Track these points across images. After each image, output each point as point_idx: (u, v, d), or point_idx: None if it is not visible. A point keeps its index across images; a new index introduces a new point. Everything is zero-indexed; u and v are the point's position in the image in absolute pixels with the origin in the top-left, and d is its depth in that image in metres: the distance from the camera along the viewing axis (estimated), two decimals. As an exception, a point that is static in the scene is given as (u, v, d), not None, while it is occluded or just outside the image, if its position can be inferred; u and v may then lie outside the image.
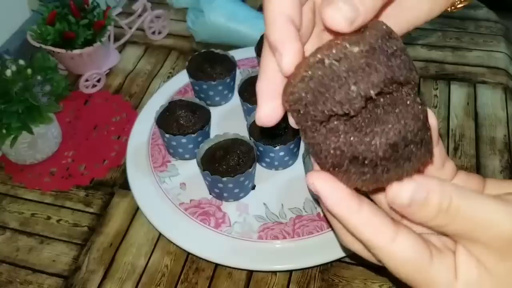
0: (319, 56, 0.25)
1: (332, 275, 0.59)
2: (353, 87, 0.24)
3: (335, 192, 0.27)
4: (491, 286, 0.27)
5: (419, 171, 0.26)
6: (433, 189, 0.26)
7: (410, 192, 0.25)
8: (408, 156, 0.25)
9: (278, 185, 0.65)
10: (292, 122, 0.29)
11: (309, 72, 0.25)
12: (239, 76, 0.77)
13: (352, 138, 0.24)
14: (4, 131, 0.65)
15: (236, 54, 0.78)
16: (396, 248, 0.27)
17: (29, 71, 0.67)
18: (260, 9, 0.99)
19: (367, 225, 0.27)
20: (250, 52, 0.81)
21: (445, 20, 0.94)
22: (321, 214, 0.61)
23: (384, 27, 0.25)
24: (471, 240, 0.27)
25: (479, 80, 0.82)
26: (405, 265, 0.27)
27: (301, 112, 0.26)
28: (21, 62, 0.68)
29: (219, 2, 0.87)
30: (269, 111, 0.30)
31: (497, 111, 0.77)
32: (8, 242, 0.65)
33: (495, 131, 0.74)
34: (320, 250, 0.58)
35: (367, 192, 0.29)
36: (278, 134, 0.64)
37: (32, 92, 0.65)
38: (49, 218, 0.67)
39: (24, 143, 0.69)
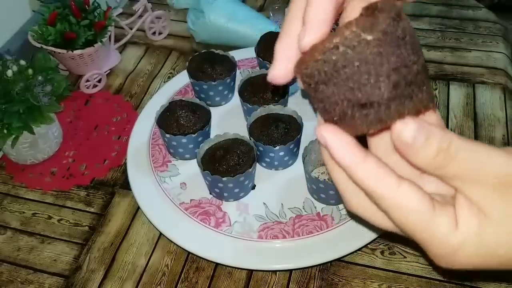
0: (334, 41, 0.26)
1: (332, 274, 0.60)
2: (364, 76, 0.26)
3: (342, 143, 0.28)
4: (491, 232, 0.28)
5: (420, 114, 0.28)
6: (435, 130, 0.27)
7: (413, 130, 0.26)
8: (410, 95, 0.26)
9: (278, 185, 0.66)
10: (300, 84, 0.30)
11: (324, 56, 0.26)
12: (239, 77, 0.77)
13: (355, 85, 0.26)
14: (5, 131, 0.66)
15: (236, 55, 0.78)
16: (400, 197, 0.28)
17: (30, 71, 0.67)
18: (260, 9, 1.00)
19: (372, 175, 0.28)
20: (250, 52, 0.81)
21: (444, 20, 0.95)
22: (321, 214, 0.62)
23: (394, 7, 0.26)
24: (470, 181, 0.27)
25: (478, 81, 0.82)
26: (409, 214, 0.28)
27: (312, 86, 0.28)
28: (22, 62, 0.68)
29: (219, 3, 0.87)
30: (281, 71, 0.31)
31: (496, 111, 0.77)
32: (9, 241, 0.65)
33: (494, 131, 0.74)
34: (319, 249, 0.58)
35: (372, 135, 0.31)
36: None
37: (33, 92, 0.65)
38: (50, 217, 0.68)
39: (25, 143, 0.69)
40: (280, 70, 0.31)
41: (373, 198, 0.29)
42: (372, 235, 0.59)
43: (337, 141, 0.28)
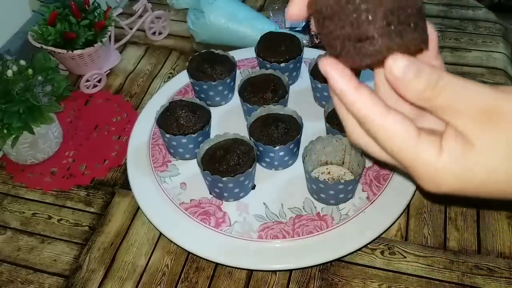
0: None
1: (332, 274, 0.60)
2: (363, 13, 0.29)
3: (339, 73, 0.31)
4: (472, 159, 0.30)
5: (412, 53, 0.31)
6: (425, 66, 0.30)
7: (403, 65, 0.29)
8: (400, 33, 0.29)
9: (278, 185, 0.66)
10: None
11: None
12: (239, 77, 0.77)
13: (354, 20, 0.29)
14: (5, 131, 0.66)
15: (236, 55, 0.78)
16: (387, 122, 0.31)
17: (30, 71, 0.67)
18: (260, 9, 1.00)
19: (364, 101, 0.31)
20: (250, 52, 0.81)
21: (444, 20, 0.95)
22: (321, 214, 0.62)
23: None
24: (457, 113, 0.30)
25: (478, 80, 0.82)
26: (394, 138, 0.31)
27: (320, 21, 0.31)
28: (22, 62, 0.68)
29: (219, 3, 0.87)
30: (296, 10, 0.35)
31: (496, 111, 0.77)
32: (9, 241, 0.65)
33: (494, 131, 0.74)
34: (319, 249, 0.58)
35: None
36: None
37: (33, 92, 0.65)
38: (50, 217, 0.68)
39: (25, 143, 0.69)
40: (295, 9, 0.34)
41: (364, 124, 0.32)
42: (372, 235, 0.59)
43: (334, 71, 0.31)
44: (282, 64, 0.74)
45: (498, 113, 0.29)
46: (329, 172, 0.66)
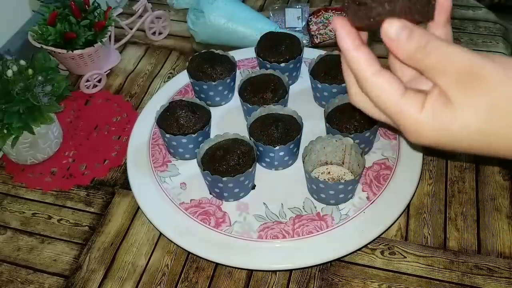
0: None
1: (332, 274, 0.60)
2: None
3: (345, 31, 0.36)
4: (449, 115, 0.34)
5: (414, 21, 0.34)
6: (417, 30, 0.34)
7: (396, 27, 0.34)
8: (392, 2, 0.33)
9: (278, 185, 0.66)
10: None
11: None
12: (239, 77, 0.77)
13: None
14: (5, 131, 0.66)
15: (236, 55, 0.79)
16: (378, 79, 0.35)
17: (30, 71, 0.67)
18: (260, 9, 1.00)
19: (361, 59, 0.36)
20: (250, 52, 0.81)
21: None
22: (321, 214, 0.62)
23: None
24: (441, 73, 0.34)
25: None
26: (382, 94, 0.35)
27: None
28: (22, 62, 0.68)
29: (219, 3, 0.87)
30: None
31: (496, 111, 0.77)
32: (9, 241, 0.65)
33: (494, 131, 0.74)
34: (319, 249, 0.58)
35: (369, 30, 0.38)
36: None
37: (33, 92, 0.65)
38: (50, 217, 0.68)
39: (25, 143, 0.69)
40: None
41: (359, 81, 0.36)
42: (372, 235, 0.59)
43: (342, 30, 0.36)
44: (282, 64, 0.74)
45: (477, 76, 0.33)
46: (329, 172, 0.66)
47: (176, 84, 0.80)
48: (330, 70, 0.71)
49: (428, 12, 0.36)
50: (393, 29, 0.34)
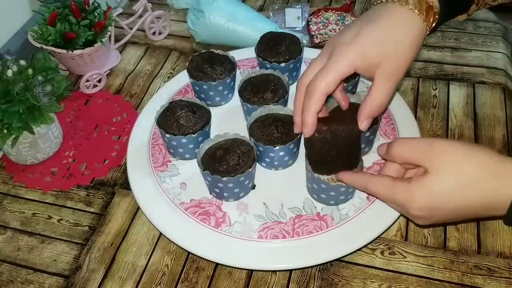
0: (322, 134, 0.56)
1: (332, 274, 0.60)
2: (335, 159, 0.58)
3: (349, 178, 0.58)
4: (429, 180, 0.49)
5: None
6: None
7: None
8: (328, 169, 0.59)
9: (278, 185, 0.66)
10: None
11: (320, 135, 0.57)
12: (239, 77, 0.77)
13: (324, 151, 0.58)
14: (5, 131, 0.66)
15: (236, 55, 0.79)
16: (372, 188, 0.54)
17: (30, 71, 0.67)
18: (260, 9, 1.00)
19: (356, 181, 0.57)
20: (250, 52, 0.81)
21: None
22: (321, 214, 0.62)
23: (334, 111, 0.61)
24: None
25: (478, 81, 0.82)
26: (380, 197, 0.55)
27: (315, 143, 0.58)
28: (22, 62, 0.68)
29: (219, 3, 0.87)
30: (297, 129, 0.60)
31: (496, 111, 0.77)
32: (9, 241, 0.65)
33: (494, 131, 0.74)
34: (319, 249, 0.58)
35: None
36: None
37: (33, 92, 0.65)
38: (50, 217, 0.68)
39: (25, 143, 0.69)
40: (298, 129, 0.59)
41: (366, 191, 0.57)
42: (372, 235, 0.59)
43: (347, 178, 0.58)
44: (282, 64, 0.74)
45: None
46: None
47: (176, 84, 0.80)
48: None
49: (356, 159, 0.59)
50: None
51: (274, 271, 0.60)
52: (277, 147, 0.63)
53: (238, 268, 0.60)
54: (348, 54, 0.51)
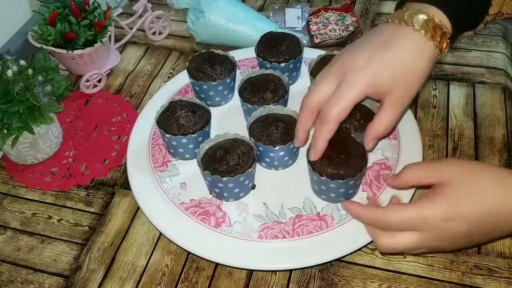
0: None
1: (332, 274, 0.60)
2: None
3: (352, 209, 0.55)
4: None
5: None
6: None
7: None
8: (336, 168, 0.59)
9: (278, 185, 0.66)
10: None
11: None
12: (239, 77, 0.77)
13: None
14: (5, 131, 0.66)
15: (236, 55, 0.78)
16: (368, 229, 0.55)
17: (30, 71, 0.67)
18: (260, 9, 1.00)
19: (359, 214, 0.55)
20: (250, 52, 0.81)
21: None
22: (321, 214, 0.62)
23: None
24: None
25: (478, 81, 0.82)
26: (368, 233, 0.55)
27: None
28: (22, 62, 0.68)
29: (219, 3, 0.87)
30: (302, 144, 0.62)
31: (496, 111, 0.77)
32: (9, 241, 0.65)
33: (494, 131, 0.74)
34: (319, 249, 0.58)
35: None
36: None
37: (33, 92, 0.65)
38: (50, 217, 0.68)
39: (25, 143, 0.69)
40: (300, 144, 0.61)
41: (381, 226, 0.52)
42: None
43: (351, 210, 0.55)
44: (282, 64, 0.74)
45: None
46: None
47: (176, 84, 0.80)
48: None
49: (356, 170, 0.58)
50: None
51: (274, 271, 0.60)
52: (277, 147, 0.63)
53: (238, 268, 0.60)
54: (360, 81, 0.52)
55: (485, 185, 0.48)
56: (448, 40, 0.54)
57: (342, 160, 0.58)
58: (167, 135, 0.66)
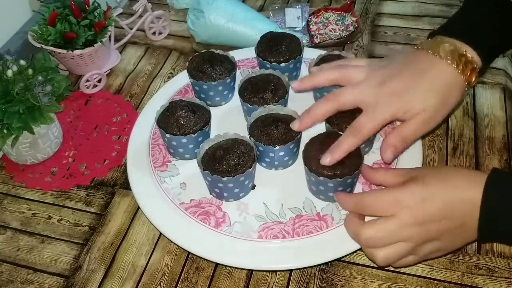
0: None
1: (332, 274, 0.60)
2: None
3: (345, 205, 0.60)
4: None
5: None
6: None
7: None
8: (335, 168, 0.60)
9: (278, 185, 0.66)
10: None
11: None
12: (239, 77, 0.77)
13: None
14: (5, 131, 0.66)
15: (236, 55, 0.78)
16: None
17: (30, 71, 0.67)
18: (260, 9, 1.00)
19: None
20: (250, 52, 0.81)
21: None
22: (321, 214, 0.62)
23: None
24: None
25: (478, 80, 0.82)
26: (348, 230, 0.58)
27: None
28: (22, 62, 0.68)
29: (219, 3, 0.87)
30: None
31: (496, 111, 0.77)
32: (9, 241, 0.65)
33: (494, 131, 0.74)
34: (319, 249, 0.58)
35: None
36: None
37: (33, 92, 0.65)
38: (50, 217, 0.68)
39: (25, 143, 0.69)
40: (299, 128, 0.64)
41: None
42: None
43: (338, 196, 0.60)
44: (282, 64, 0.74)
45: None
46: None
47: (176, 84, 0.80)
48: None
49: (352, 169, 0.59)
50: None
51: (274, 271, 0.60)
52: (277, 147, 0.63)
53: (238, 268, 0.60)
54: (393, 106, 0.57)
55: (457, 182, 0.52)
56: (477, 74, 0.58)
57: (338, 161, 0.58)
58: (167, 135, 0.66)
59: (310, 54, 0.79)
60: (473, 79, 0.58)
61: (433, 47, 0.58)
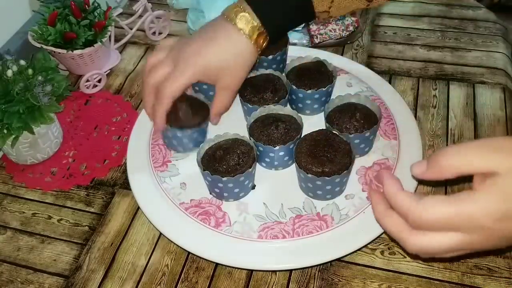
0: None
1: (332, 274, 0.60)
2: None
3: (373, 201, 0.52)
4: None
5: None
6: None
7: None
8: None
9: (278, 185, 0.66)
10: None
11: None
12: (239, 77, 0.77)
13: None
14: (5, 131, 0.66)
15: (236, 55, 0.78)
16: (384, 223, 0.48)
17: (30, 71, 0.67)
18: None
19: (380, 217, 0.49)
20: (250, 52, 0.81)
21: (444, 20, 0.95)
22: (321, 214, 0.62)
23: None
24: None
25: (478, 81, 0.82)
26: (391, 232, 0.47)
27: None
28: (22, 62, 0.68)
29: (219, 3, 0.87)
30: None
31: (496, 111, 0.77)
32: (9, 241, 0.65)
33: (494, 131, 0.74)
34: (319, 249, 0.58)
35: None
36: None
37: (33, 92, 0.65)
38: (50, 217, 0.68)
39: (25, 143, 0.69)
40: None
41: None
42: (372, 235, 0.59)
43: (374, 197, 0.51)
44: (270, 56, 0.73)
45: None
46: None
47: (176, 84, 0.80)
48: (303, 76, 0.71)
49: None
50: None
51: (274, 271, 0.60)
52: (277, 147, 0.63)
53: (238, 268, 0.60)
54: (189, 70, 0.61)
55: None
56: (268, 37, 0.62)
57: (328, 159, 0.59)
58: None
59: (306, 52, 0.79)
60: (262, 42, 0.62)
61: (228, 11, 0.62)
